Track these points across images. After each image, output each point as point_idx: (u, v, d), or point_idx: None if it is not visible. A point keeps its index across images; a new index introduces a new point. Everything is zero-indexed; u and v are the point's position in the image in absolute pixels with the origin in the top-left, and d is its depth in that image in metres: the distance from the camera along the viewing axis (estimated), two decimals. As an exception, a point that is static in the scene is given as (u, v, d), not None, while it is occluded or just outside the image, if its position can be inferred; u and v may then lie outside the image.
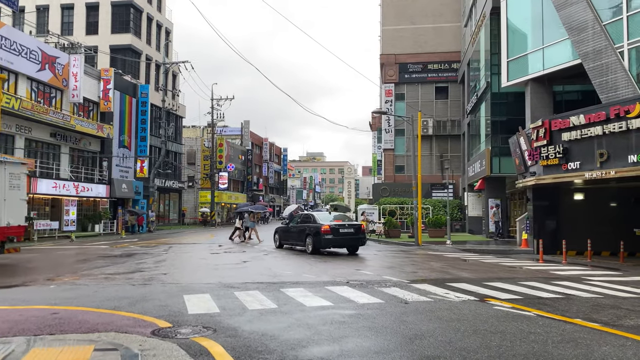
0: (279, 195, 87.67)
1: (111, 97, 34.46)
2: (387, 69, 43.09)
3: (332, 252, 18.92)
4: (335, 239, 17.70)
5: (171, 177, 46.98)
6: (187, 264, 14.68)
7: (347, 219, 20.54)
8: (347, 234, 17.93)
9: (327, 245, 17.91)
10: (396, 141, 42.97)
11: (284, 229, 21.08)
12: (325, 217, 19.19)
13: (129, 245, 23.05)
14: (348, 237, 17.99)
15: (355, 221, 21.94)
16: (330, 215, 19.93)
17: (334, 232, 17.56)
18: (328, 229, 17.49)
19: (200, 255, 17.81)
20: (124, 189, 35.13)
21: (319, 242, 17.61)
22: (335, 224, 17.88)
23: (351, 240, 18.18)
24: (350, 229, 18.11)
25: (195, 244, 23.41)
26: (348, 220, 19.91)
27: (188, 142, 55.78)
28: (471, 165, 30.93)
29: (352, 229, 18.12)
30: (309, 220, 19.06)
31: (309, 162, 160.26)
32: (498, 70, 25.71)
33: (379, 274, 12.36)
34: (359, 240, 18.31)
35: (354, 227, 18.27)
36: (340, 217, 19.62)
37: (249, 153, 67.09)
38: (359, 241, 18.36)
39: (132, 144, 37.67)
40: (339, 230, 17.68)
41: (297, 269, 13.42)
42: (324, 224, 17.74)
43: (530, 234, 20.38)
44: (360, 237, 18.28)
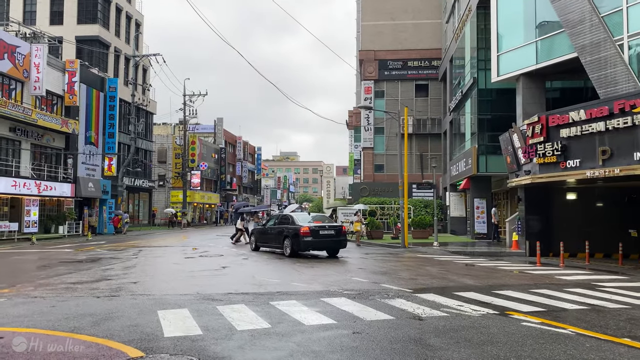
0: (252, 195, 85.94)
1: (77, 91, 32.47)
2: (366, 65, 42.08)
3: (316, 256, 17.70)
4: (315, 241, 16.77)
5: (141, 175, 45.01)
6: (159, 271, 13.24)
7: (328, 220, 19.65)
8: (328, 235, 17.04)
9: (306, 248, 16.98)
10: (376, 140, 42.00)
11: (261, 230, 19.94)
12: (304, 217, 18.17)
13: (95, 248, 21.37)
14: (328, 240, 17.11)
15: (336, 222, 21.06)
16: (310, 216, 18.88)
17: (314, 234, 16.65)
18: (307, 230, 16.57)
19: (174, 259, 16.34)
20: (90, 188, 33.18)
21: (298, 245, 16.69)
22: (315, 225, 16.96)
23: (332, 243, 17.31)
24: (331, 230, 17.22)
25: (168, 247, 21.87)
26: (328, 221, 19.01)
27: (159, 140, 53.78)
28: (454, 164, 30.13)
29: (333, 231, 17.24)
30: (287, 221, 18.02)
31: (283, 161, 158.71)
32: (485, 65, 24.94)
33: (375, 281, 11.18)
34: (339, 243, 17.47)
35: (334, 229, 17.38)
36: (320, 218, 18.64)
37: (222, 152, 65.30)
38: (340, 244, 17.52)
39: (99, 141, 35.69)
40: (319, 232, 16.79)
41: (284, 276, 12.14)
42: (303, 225, 16.79)
43: (522, 235, 19.56)
44: (341, 239, 17.45)
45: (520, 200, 19.84)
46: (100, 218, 34.80)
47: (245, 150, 79.63)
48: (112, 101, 36.74)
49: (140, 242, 26.03)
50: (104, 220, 34.90)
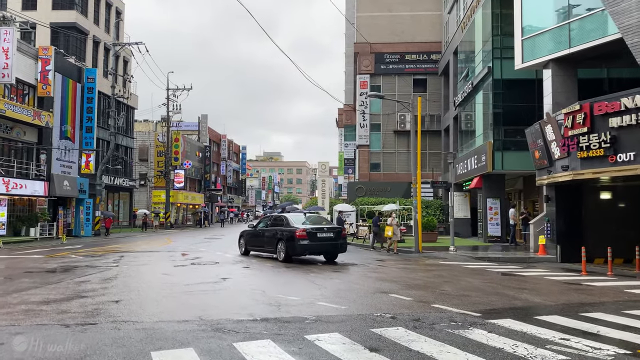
0: (237, 196, 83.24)
1: (51, 80, 29.69)
2: (362, 58, 39.94)
3: (313, 261, 15.44)
4: (312, 245, 15.35)
5: (121, 174, 42.17)
6: (147, 284, 10.84)
7: (325, 221, 18.16)
8: (326, 238, 15.65)
9: (302, 252, 15.56)
10: (372, 137, 39.87)
11: (251, 232, 18.05)
12: (300, 219, 16.58)
13: (69, 254, 18.78)
14: (327, 243, 15.70)
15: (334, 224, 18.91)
16: (305, 217, 17.19)
17: (311, 237, 15.23)
18: (304, 233, 15.15)
19: (162, 268, 13.92)
20: (66, 186, 30.41)
21: (293, 249, 15.25)
22: (312, 227, 15.60)
23: (330, 247, 15.84)
24: (330, 233, 15.86)
25: (153, 252, 19.38)
26: (326, 223, 17.60)
27: (140, 137, 50.90)
28: (461, 162, 28.13)
29: (332, 234, 15.85)
30: (281, 222, 16.46)
31: (267, 161, 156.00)
32: (500, 54, 23.00)
33: (421, 299, 8.98)
34: (338, 247, 15.92)
35: (333, 232, 15.97)
36: (316, 220, 17.22)
37: (206, 150, 62.56)
38: (339, 247, 15.96)
39: (76, 136, 32.91)
40: (316, 235, 15.40)
41: (301, 291, 9.87)
42: (299, 228, 15.33)
43: (551, 238, 17.57)
44: (340, 242, 15.90)
45: (549, 200, 17.85)
46: (76, 219, 32.03)
47: (230, 149, 76.92)
48: (90, 93, 33.97)
49: (120, 246, 23.45)
50: (80, 222, 32.13)
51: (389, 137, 39.74)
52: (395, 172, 39.43)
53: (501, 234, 24.05)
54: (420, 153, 23.19)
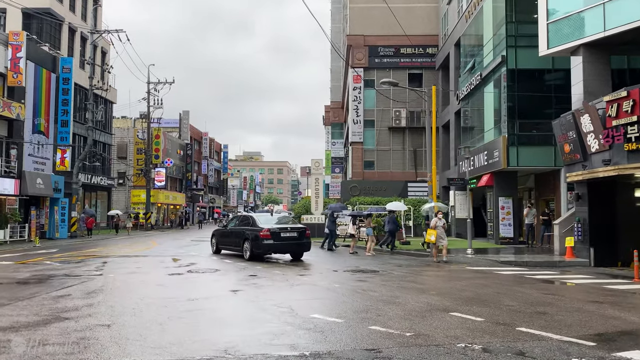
0: (218, 196, 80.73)
1: (23, 69, 27.15)
2: (355, 51, 38.17)
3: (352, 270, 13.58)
4: (276, 244, 15.85)
5: (99, 172, 39.64)
6: (142, 300, 8.82)
7: (291, 221, 18.43)
8: (290, 238, 16.13)
9: (266, 251, 15.99)
10: (365, 134, 38.10)
11: (222, 232, 18.81)
12: (267, 219, 17.17)
13: (44, 259, 16.54)
14: (291, 243, 16.19)
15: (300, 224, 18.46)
16: (273, 217, 17.83)
17: (275, 237, 15.74)
18: (268, 233, 15.69)
19: (156, 278, 11.89)
20: (39, 184, 27.91)
21: (258, 248, 15.75)
22: (276, 227, 16.11)
23: (294, 246, 16.36)
24: (294, 232, 16.33)
25: (140, 257, 17.26)
26: (292, 222, 18.05)
27: (118, 133, 48.24)
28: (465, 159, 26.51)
29: (296, 233, 16.32)
30: (247, 222, 17.08)
31: (247, 161, 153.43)
32: (515, 42, 21.47)
33: (494, 319, 7.19)
34: (303, 246, 16.41)
35: (297, 231, 16.41)
36: (283, 220, 17.77)
37: (188, 147, 60.06)
38: (304, 247, 16.44)
39: (50, 130, 30.37)
40: (280, 235, 15.91)
41: (335, 307, 8.02)
42: (264, 228, 15.85)
43: (584, 241, 16.02)
44: (304, 242, 16.40)
45: (579, 198, 16.30)
46: (51, 220, 29.53)
47: (212, 148, 74.46)
48: (66, 84, 31.44)
49: (101, 249, 21.23)
50: (55, 223, 29.64)
51: (383, 134, 38.05)
52: (390, 171, 37.76)
53: (513, 235, 22.53)
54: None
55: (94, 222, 33.91)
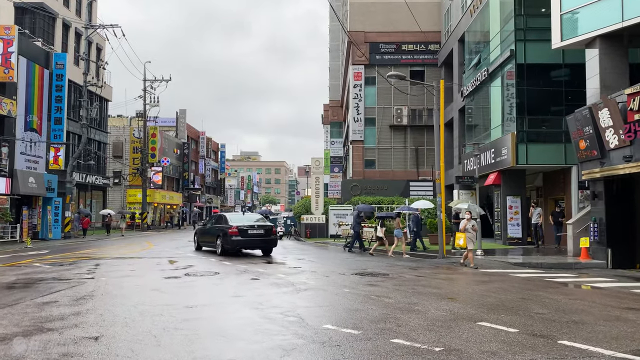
0: (216, 196, 79.78)
1: (14, 64, 26.29)
2: (355, 48, 37.44)
3: (361, 273, 12.81)
4: (244, 240, 17.28)
5: (94, 171, 38.76)
6: (136, 308, 8.03)
7: (262, 220, 19.21)
8: (257, 235, 17.50)
9: (235, 247, 17.37)
10: (366, 132, 37.37)
11: (202, 230, 20.50)
12: (238, 218, 18.61)
13: (33, 261, 15.72)
14: (258, 239, 17.59)
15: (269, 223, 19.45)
16: (244, 216, 19.38)
17: (242, 234, 17.15)
18: (236, 230, 17.14)
19: (151, 282, 11.09)
20: (31, 183, 27.05)
21: (227, 243, 17.26)
22: (244, 225, 17.42)
23: (261, 242, 17.80)
24: (260, 230, 17.61)
25: (134, 259, 16.45)
26: (262, 221, 18.87)
27: (114, 132, 47.32)
28: (471, 157, 25.82)
29: (262, 230, 17.65)
30: (221, 221, 18.65)
31: (244, 161, 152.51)
32: (524, 36, 20.76)
33: (529, 329, 6.43)
34: (270, 242, 17.92)
35: (264, 229, 17.73)
36: (253, 219, 18.75)
37: (185, 147, 59.17)
38: (270, 242, 17.92)
39: (43, 128, 29.50)
40: (247, 232, 17.27)
41: (349, 316, 7.23)
42: (232, 225, 17.32)
43: (600, 242, 15.31)
44: (271, 238, 17.91)
45: (596, 196, 15.59)
46: (44, 220, 28.67)
47: (209, 147, 73.57)
48: (59, 80, 30.60)
49: (94, 250, 20.41)
50: (48, 223, 28.78)
51: (384, 133, 37.33)
52: (392, 170, 37.05)
53: (522, 236, 21.81)
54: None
55: (89, 222, 33.12)
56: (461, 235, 14.40)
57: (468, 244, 14.21)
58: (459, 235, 14.58)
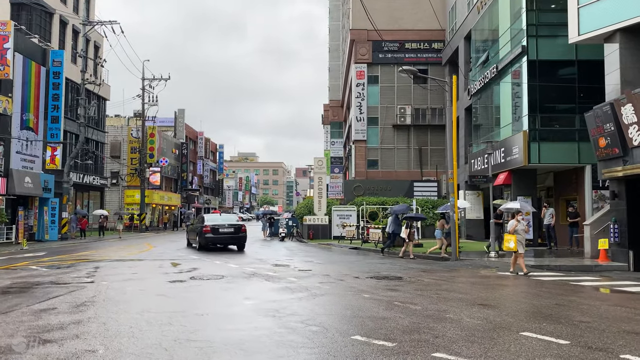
0: (214, 197, 79.05)
1: (10, 61, 25.57)
2: (358, 46, 36.84)
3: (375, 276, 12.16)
4: (215, 237, 20.08)
5: (91, 171, 38.02)
6: (141, 316, 7.37)
7: (235, 221, 21.88)
8: (227, 233, 20.25)
9: (207, 243, 20.04)
10: (369, 132, 36.75)
11: (189, 228, 23.78)
12: (214, 219, 21.64)
13: (29, 264, 15.04)
14: (228, 236, 20.29)
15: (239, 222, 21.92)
16: (221, 217, 22.67)
17: (214, 232, 20.01)
18: (208, 228, 20.01)
19: (155, 286, 10.44)
20: (27, 183, 26.33)
21: (202, 240, 20.12)
22: (216, 224, 20.36)
23: (231, 239, 20.42)
24: (230, 228, 20.40)
25: (135, 262, 15.78)
26: (234, 221, 21.72)
27: (112, 131, 46.58)
28: (479, 157, 25.24)
29: (232, 229, 20.41)
30: (201, 221, 21.42)
31: (242, 162, 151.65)
32: (536, 32, 20.18)
33: (581, 342, 5.83)
34: (239, 239, 20.49)
35: (233, 227, 20.51)
36: (226, 219, 21.86)
37: (183, 147, 58.43)
38: (240, 239, 20.50)
39: (39, 126, 28.79)
40: (218, 230, 20.08)
41: (377, 323, 6.59)
42: (207, 225, 20.22)
43: (621, 244, 14.72)
44: (240, 236, 20.44)
45: (616, 196, 15.02)
46: (40, 221, 27.93)
47: (207, 148, 72.84)
48: (56, 78, 29.87)
49: (93, 252, 19.74)
50: (44, 224, 28.05)
51: (387, 132, 36.71)
52: (395, 170, 36.43)
53: (533, 237, 21.20)
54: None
55: (87, 223, 32.46)
56: (511, 237, 12.69)
57: (519, 248, 12.65)
58: (508, 237, 12.93)
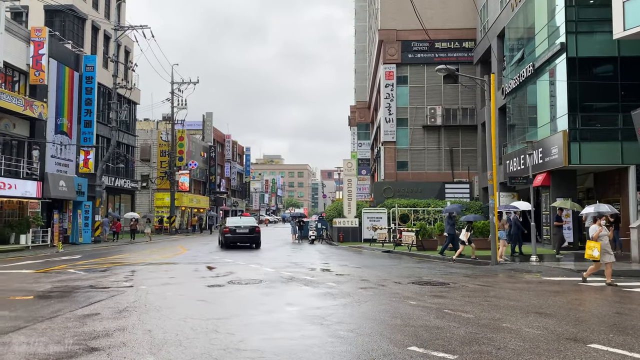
0: (241, 199, 79.43)
1: (45, 66, 26.02)
2: (387, 47, 36.44)
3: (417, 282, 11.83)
4: (233, 237, 23.44)
5: (122, 174, 38.48)
6: (185, 323, 7.19)
7: (252, 222, 25.08)
8: (243, 233, 23.66)
9: (227, 242, 23.39)
10: (398, 133, 36.29)
11: (220, 230, 26.40)
12: (234, 221, 25.20)
13: (67, 267, 15.13)
14: (243, 236, 23.68)
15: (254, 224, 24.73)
16: (241, 220, 25.86)
17: (232, 232, 23.46)
18: (228, 229, 23.61)
19: (194, 291, 10.31)
20: (62, 187, 26.72)
21: (223, 239, 23.93)
22: (234, 225, 23.94)
23: (247, 239, 23.79)
24: (246, 229, 23.74)
25: (170, 265, 15.75)
26: (251, 223, 24.76)
27: (142, 135, 47.12)
28: (514, 158, 24.61)
29: (248, 230, 23.73)
30: (223, 223, 25.83)
31: (267, 164, 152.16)
32: (576, 28, 19.53)
33: (656, 355, 5.43)
34: (253, 239, 23.80)
35: (248, 229, 23.78)
36: (245, 221, 25.10)
37: (211, 150, 58.81)
38: (254, 239, 23.82)
39: (73, 130, 29.23)
40: (235, 231, 23.57)
41: (431, 333, 6.28)
42: (226, 226, 24.04)
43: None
44: (254, 236, 23.74)
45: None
46: (74, 224, 28.32)
47: (234, 150, 73.28)
48: (89, 83, 30.31)
49: (127, 255, 19.83)
50: (78, 227, 28.43)
51: (417, 133, 36.21)
52: (425, 172, 35.90)
53: (573, 240, 20.51)
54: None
55: (121, 226, 32.92)
56: (594, 244, 11.38)
57: (603, 257, 11.37)
58: (591, 244, 11.49)
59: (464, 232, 17.25)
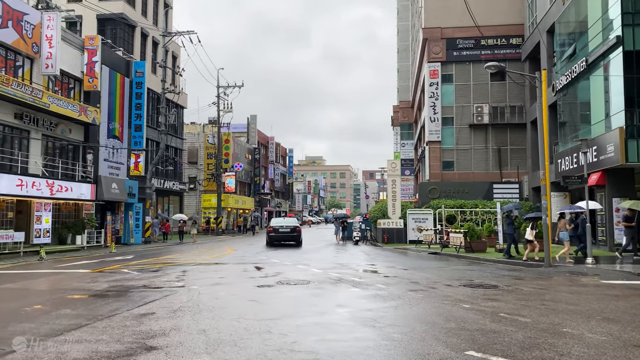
0: (284, 200, 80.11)
1: (98, 73, 27.01)
2: (431, 45, 35.95)
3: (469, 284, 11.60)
4: (277, 236, 25.83)
5: (171, 177, 39.47)
6: (239, 322, 7.28)
7: (293, 222, 27.72)
8: (285, 232, 26.00)
9: (271, 240, 25.80)
10: (443, 132, 35.73)
11: (267, 230, 27.53)
12: (278, 222, 27.90)
13: (120, 267, 15.62)
14: (285, 235, 25.98)
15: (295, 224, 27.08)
16: (284, 220, 28.78)
17: (275, 231, 25.87)
18: (272, 229, 26.14)
19: (245, 291, 10.43)
20: (114, 189, 27.65)
21: (267, 237, 26.10)
22: (277, 225, 26.49)
23: (288, 238, 26.01)
24: (287, 229, 26.05)
25: (219, 265, 16.02)
26: (291, 223, 27.24)
27: (189, 138, 48.22)
28: (566, 156, 23.78)
29: (289, 229, 26.05)
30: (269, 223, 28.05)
31: (309, 165, 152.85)
32: (632, 20, 18.67)
33: None
34: (294, 237, 25.99)
35: (290, 228, 26.13)
36: (287, 222, 27.55)
37: (255, 152, 59.59)
38: (295, 238, 26.01)
39: (124, 134, 30.19)
40: (279, 230, 25.96)
41: (488, 337, 6.11)
42: (270, 226, 26.66)
43: None
44: (295, 235, 26.01)
45: None
46: (125, 225, 29.25)
47: (278, 152, 73.97)
48: (139, 88, 31.25)
49: (177, 256, 20.30)
50: (130, 228, 29.34)
51: (463, 132, 35.56)
52: (472, 172, 35.20)
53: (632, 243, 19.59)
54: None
55: (170, 227, 33.85)
56: None
57: None
58: None
59: (529, 231, 16.86)
